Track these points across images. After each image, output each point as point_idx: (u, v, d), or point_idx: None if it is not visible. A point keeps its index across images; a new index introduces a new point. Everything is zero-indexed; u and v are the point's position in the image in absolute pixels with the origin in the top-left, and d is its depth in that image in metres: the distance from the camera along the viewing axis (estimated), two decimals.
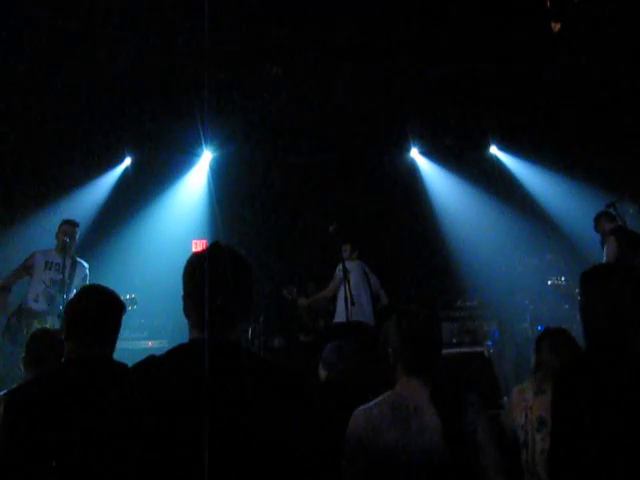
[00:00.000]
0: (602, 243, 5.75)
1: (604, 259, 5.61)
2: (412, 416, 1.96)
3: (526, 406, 2.88)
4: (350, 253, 5.92)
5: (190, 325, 1.56)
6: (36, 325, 4.88)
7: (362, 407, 2.07)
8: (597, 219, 5.94)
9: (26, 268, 5.26)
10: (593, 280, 2.03)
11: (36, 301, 5.12)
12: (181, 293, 1.61)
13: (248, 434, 1.37)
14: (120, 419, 1.48)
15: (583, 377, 1.86)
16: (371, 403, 2.08)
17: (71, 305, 2.23)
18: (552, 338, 3.09)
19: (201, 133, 6.79)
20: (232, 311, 1.53)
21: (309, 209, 7.56)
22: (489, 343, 6.26)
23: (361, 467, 1.95)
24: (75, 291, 4.92)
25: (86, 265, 5.50)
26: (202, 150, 7.60)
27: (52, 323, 4.92)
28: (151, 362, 1.51)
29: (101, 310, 2.20)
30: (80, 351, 2.10)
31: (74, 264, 5.31)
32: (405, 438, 1.92)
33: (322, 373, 3.30)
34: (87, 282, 5.33)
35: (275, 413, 1.41)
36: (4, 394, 2.30)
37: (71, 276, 5.19)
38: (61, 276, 5.11)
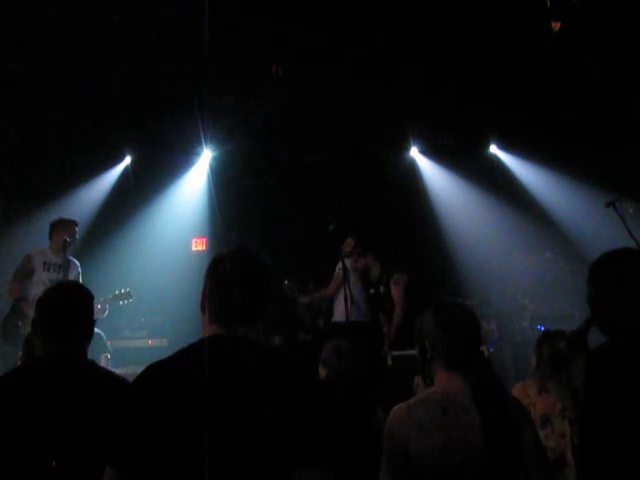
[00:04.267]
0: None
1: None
2: (460, 416, 1.88)
3: (529, 403, 2.93)
4: (353, 249, 5.84)
5: (205, 321, 1.65)
6: None
7: (402, 405, 1.97)
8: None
9: (27, 273, 5.18)
10: (601, 268, 1.98)
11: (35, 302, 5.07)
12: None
13: (253, 425, 1.41)
14: (117, 418, 1.55)
15: (611, 367, 1.83)
16: (412, 401, 1.98)
17: (38, 302, 2.17)
18: (552, 340, 3.13)
19: (201, 132, 6.80)
20: (248, 310, 1.62)
21: (309, 208, 7.56)
22: (489, 343, 6.26)
23: (402, 468, 1.87)
24: None
25: (78, 263, 5.48)
26: (202, 149, 7.61)
27: None
28: (164, 360, 1.59)
29: (68, 307, 2.12)
30: (47, 349, 2.06)
31: (67, 263, 5.28)
32: (454, 439, 1.84)
33: (322, 372, 3.32)
34: (80, 280, 5.31)
35: (283, 406, 1.44)
36: None
37: (65, 275, 5.17)
38: (60, 276, 5.10)
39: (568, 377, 2.94)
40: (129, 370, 5.32)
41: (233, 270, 1.63)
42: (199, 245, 7.71)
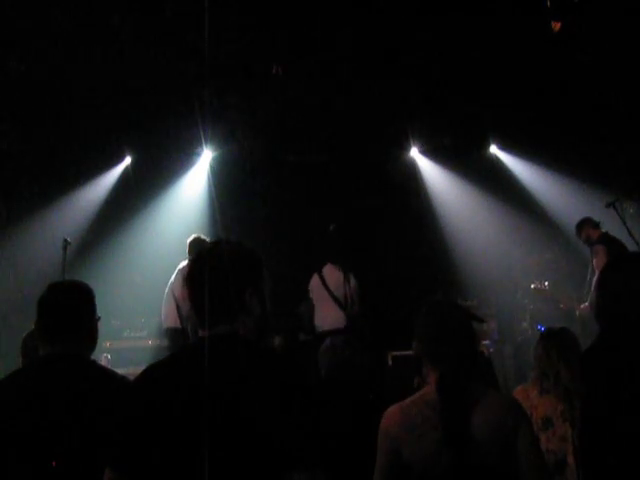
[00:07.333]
0: (591, 252, 5.75)
1: (594, 271, 5.59)
2: None
3: (530, 405, 2.89)
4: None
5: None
6: None
7: (395, 406, 1.98)
8: (580, 226, 5.97)
9: None
10: (614, 269, 2.01)
11: None
12: None
13: (245, 427, 1.41)
14: (116, 421, 1.56)
15: (609, 365, 1.84)
16: (407, 401, 1.98)
17: (38, 302, 2.11)
18: (547, 339, 3.12)
19: (201, 133, 6.79)
20: (225, 306, 1.57)
21: (309, 208, 7.55)
22: (489, 343, 6.27)
23: (395, 470, 1.88)
24: None
25: None
26: (202, 149, 7.60)
27: None
28: (160, 362, 1.61)
29: (67, 307, 2.08)
30: (48, 349, 2.03)
31: None
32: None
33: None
34: None
35: (273, 405, 1.43)
36: None
37: None
38: None
39: (556, 378, 2.93)
40: (129, 370, 5.32)
41: (200, 270, 1.58)
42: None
